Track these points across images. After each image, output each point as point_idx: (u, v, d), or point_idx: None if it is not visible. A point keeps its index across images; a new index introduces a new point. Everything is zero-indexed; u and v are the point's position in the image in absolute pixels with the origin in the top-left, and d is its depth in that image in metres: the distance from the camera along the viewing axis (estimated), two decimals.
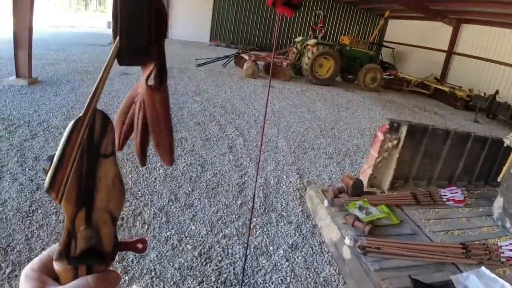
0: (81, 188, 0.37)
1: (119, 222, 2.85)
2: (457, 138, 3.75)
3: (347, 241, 2.63)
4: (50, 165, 0.36)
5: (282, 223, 3.24)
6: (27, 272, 0.38)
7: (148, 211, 3.10)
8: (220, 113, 6.02)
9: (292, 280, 2.64)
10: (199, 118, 5.62)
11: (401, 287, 2.21)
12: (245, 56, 10.01)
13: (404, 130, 3.46)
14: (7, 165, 3.47)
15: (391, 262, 2.47)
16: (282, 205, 3.52)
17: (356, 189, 3.33)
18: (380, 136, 3.48)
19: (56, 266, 0.38)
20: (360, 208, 3.05)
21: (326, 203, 3.15)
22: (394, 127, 3.45)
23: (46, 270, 0.38)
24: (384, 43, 16.31)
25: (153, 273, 2.47)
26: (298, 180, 4.05)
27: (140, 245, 0.44)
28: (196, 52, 11.41)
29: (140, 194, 3.32)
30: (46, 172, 0.36)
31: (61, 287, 0.37)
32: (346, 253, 2.62)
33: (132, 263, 2.52)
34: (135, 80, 7.12)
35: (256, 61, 9.83)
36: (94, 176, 0.37)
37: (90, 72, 7.22)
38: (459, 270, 2.46)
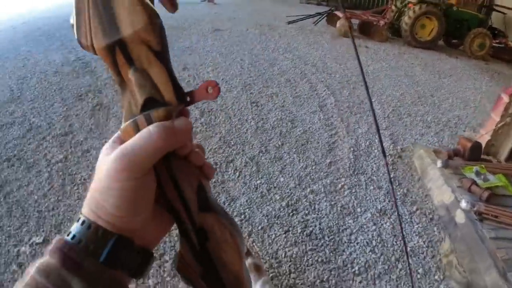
0: (102, 20, 0.34)
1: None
2: None
3: (463, 204, 2.49)
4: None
5: (372, 187, 3.13)
6: (104, 146, 0.38)
7: (239, 159, 3.22)
8: (311, 71, 5.85)
9: (378, 244, 2.57)
10: (289, 75, 5.54)
11: None
12: (339, 14, 9.43)
13: None
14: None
15: (508, 232, 2.30)
16: (372, 169, 3.38)
17: (474, 153, 3.06)
18: (505, 99, 3.08)
19: (120, 131, 0.38)
20: (477, 174, 2.80)
21: (439, 163, 2.95)
22: None
23: (120, 142, 0.38)
24: (495, 7, 13.98)
25: (242, 216, 2.60)
26: (392, 146, 3.83)
27: (211, 89, 0.39)
28: (286, 10, 11.08)
29: (232, 143, 3.45)
30: (73, 26, 0.35)
31: (123, 145, 0.36)
32: (460, 217, 2.48)
33: (224, 204, 2.67)
34: (228, 36, 7.22)
35: (350, 19, 9.22)
36: (109, 2, 0.34)
37: (185, 28, 7.45)
38: None
